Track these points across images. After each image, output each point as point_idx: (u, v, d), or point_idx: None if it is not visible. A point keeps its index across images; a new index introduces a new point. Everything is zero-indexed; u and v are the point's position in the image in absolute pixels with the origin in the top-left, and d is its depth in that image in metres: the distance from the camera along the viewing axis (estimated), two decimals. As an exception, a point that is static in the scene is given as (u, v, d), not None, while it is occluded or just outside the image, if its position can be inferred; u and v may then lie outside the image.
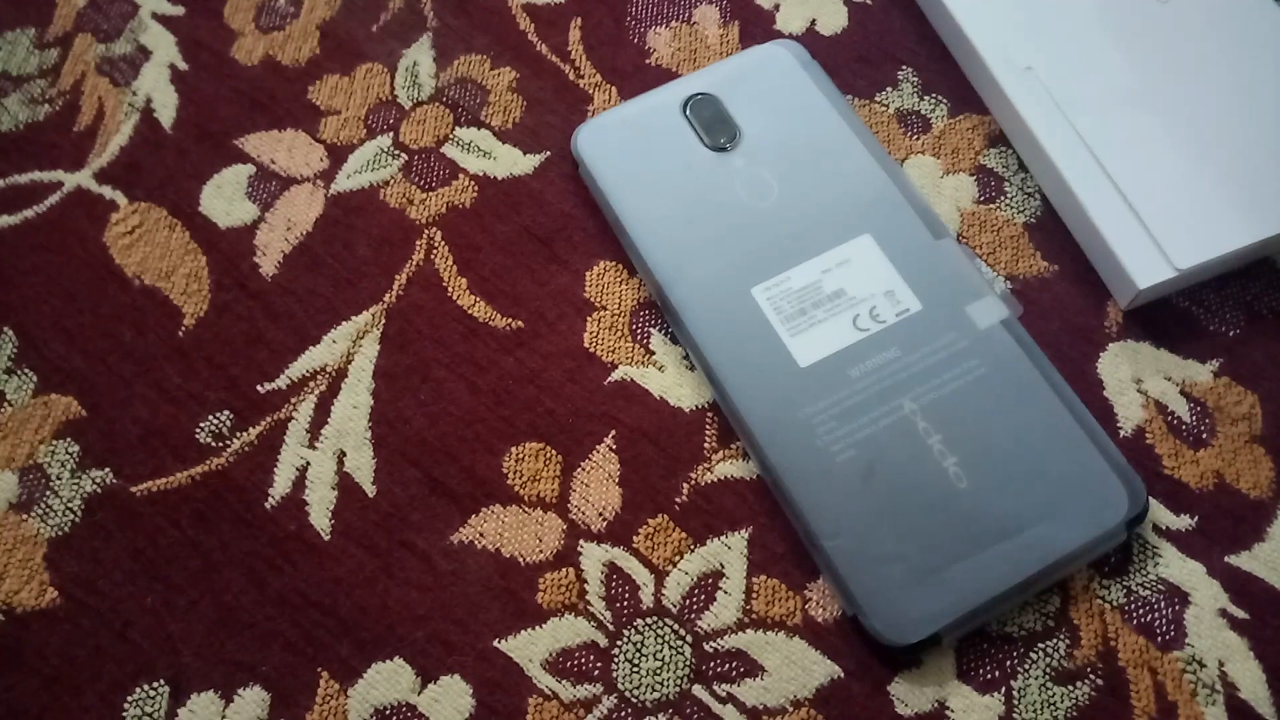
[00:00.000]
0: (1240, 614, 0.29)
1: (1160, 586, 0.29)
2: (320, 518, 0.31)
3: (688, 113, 0.35)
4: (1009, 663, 0.28)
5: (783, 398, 0.30)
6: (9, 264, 0.34)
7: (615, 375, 0.32)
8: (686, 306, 0.31)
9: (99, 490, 0.31)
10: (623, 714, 0.28)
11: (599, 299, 0.34)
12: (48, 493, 0.31)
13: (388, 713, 0.28)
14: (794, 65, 0.35)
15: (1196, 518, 0.30)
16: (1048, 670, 0.28)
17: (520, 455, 0.31)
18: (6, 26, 0.38)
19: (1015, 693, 0.28)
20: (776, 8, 0.39)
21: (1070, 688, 0.28)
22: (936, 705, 0.28)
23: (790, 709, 0.28)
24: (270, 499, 0.31)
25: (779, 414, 0.30)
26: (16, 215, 0.35)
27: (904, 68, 0.37)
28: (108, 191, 0.35)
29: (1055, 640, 0.29)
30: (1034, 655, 0.29)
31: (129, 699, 0.29)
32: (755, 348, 0.31)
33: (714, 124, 0.34)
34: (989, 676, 0.28)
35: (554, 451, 0.31)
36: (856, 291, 0.31)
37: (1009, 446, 0.29)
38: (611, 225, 0.34)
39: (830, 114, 0.34)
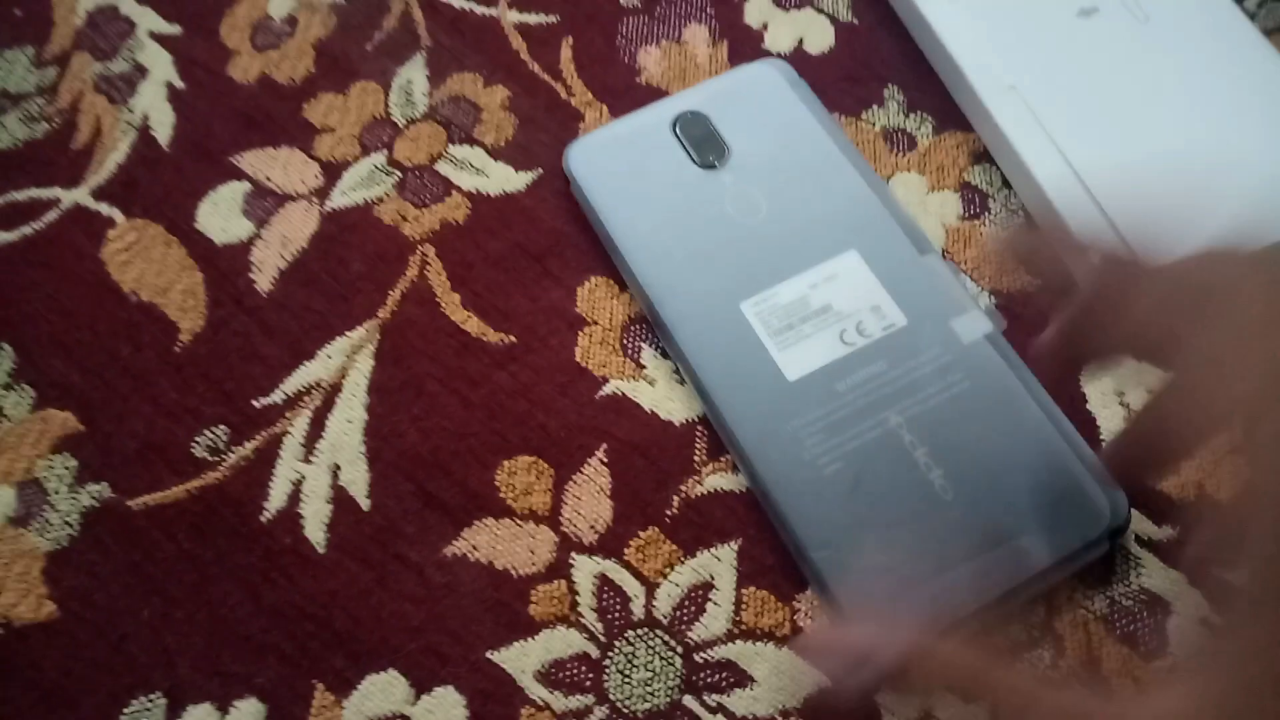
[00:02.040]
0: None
1: (1143, 596, 0.30)
2: (315, 531, 0.31)
3: (677, 131, 0.35)
4: (994, 672, 0.29)
5: (771, 411, 0.31)
6: (7, 280, 0.35)
7: (606, 389, 0.33)
8: (676, 321, 0.32)
9: (96, 504, 0.31)
10: (614, 724, 0.29)
11: (590, 314, 0.34)
12: (46, 507, 0.31)
13: (382, 724, 0.29)
14: (782, 84, 0.36)
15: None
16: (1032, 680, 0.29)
17: (513, 469, 0.32)
18: (5, 45, 0.39)
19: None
20: (765, 27, 0.39)
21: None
22: (923, 714, 0.29)
23: (779, 718, 0.29)
24: (266, 512, 0.31)
25: (768, 427, 0.30)
26: (14, 232, 0.35)
27: (890, 86, 0.38)
28: (105, 208, 0.36)
29: (1040, 650, 0.29)
30: (1019, 665, 0.29)
31: (125, 711, 0.29)
32: (744, 362, 0.31)
33: (703, 142, 0.35)
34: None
35: (546, 465, 0.32)
36: (843, 306, 0.32)
37: (993, 459, 0.30)
38: (603, 241, 0.34)
39: (817, 132, 0.35)
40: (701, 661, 0.29)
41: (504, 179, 0.36)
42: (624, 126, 0.36)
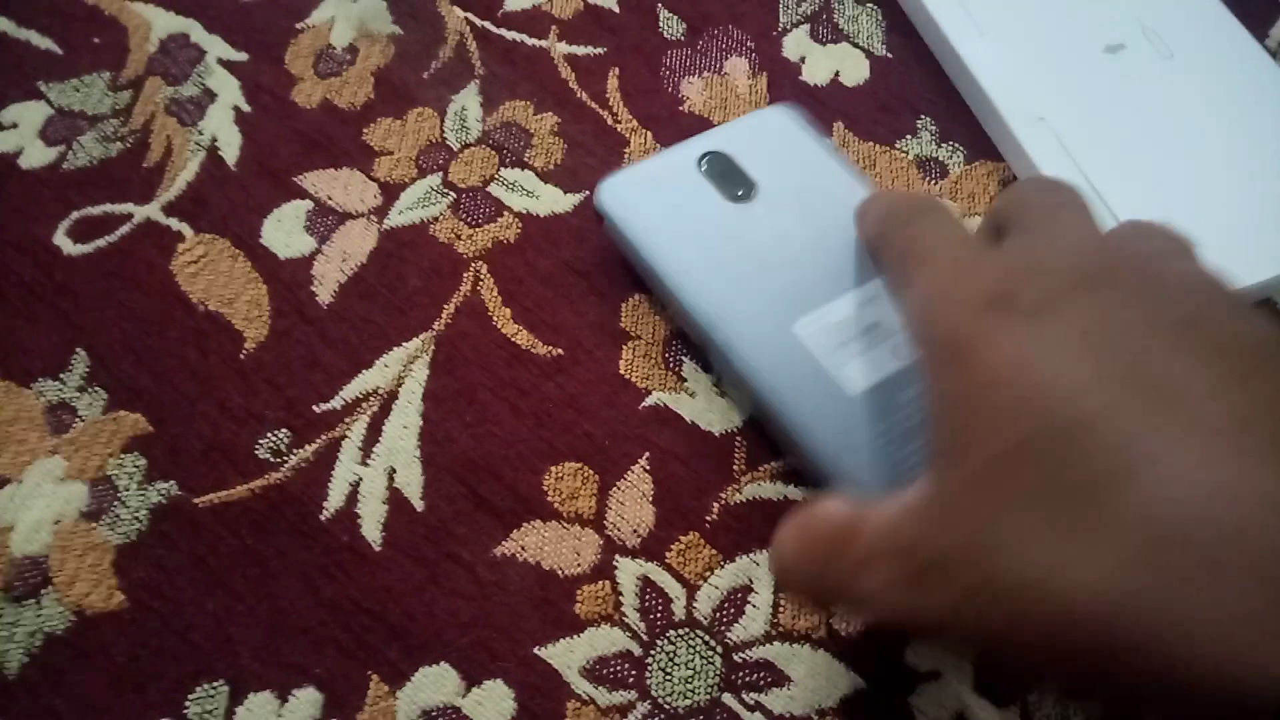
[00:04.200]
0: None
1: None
2: (371, 530, 0.32)
3: (703, 169, 0.36)
4: (1024, 677, 0.30)
5: (835, 424, 0.31)
6: (83, 289, 0.36)
7: (649, 400, 0.34)
8: (735, 346, 0.32)
9: (164, 501, 0.33)
10: None
11: (634, 329, 0.36)
12: (116, 503, 0.33)
13: (434, 714, 0.30)
14: (794, 125, 0.37)
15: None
16: (1061, 685, 0.30)
17: (560, 474, 0.33)
18: (84, 70, 0.41)
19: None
20: (803, 60, 0.41)
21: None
22: (955, 717, 0.29)
23: (816, 718, 0.30)
24: (325, 512, 0.33)
25: (836, 441, 0.31)
26: (90, 244, 0.37)
27: (923, 117, 0.40)
28: (175, 223, 0.38)
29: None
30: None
31: (190, 697, 0.30)
32: (804, 380, 0.32)
33: (730, 177, 0.35)
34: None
35: (591, 471, 0.33)
36: (891, 323, 0.33)
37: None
38: (642, 275, 0.35)
39: (833, 166, 0.36)
40: (740, 661, 0.30)
41: (553, 200, 0.38)
42: (651, 166, 0.36)
